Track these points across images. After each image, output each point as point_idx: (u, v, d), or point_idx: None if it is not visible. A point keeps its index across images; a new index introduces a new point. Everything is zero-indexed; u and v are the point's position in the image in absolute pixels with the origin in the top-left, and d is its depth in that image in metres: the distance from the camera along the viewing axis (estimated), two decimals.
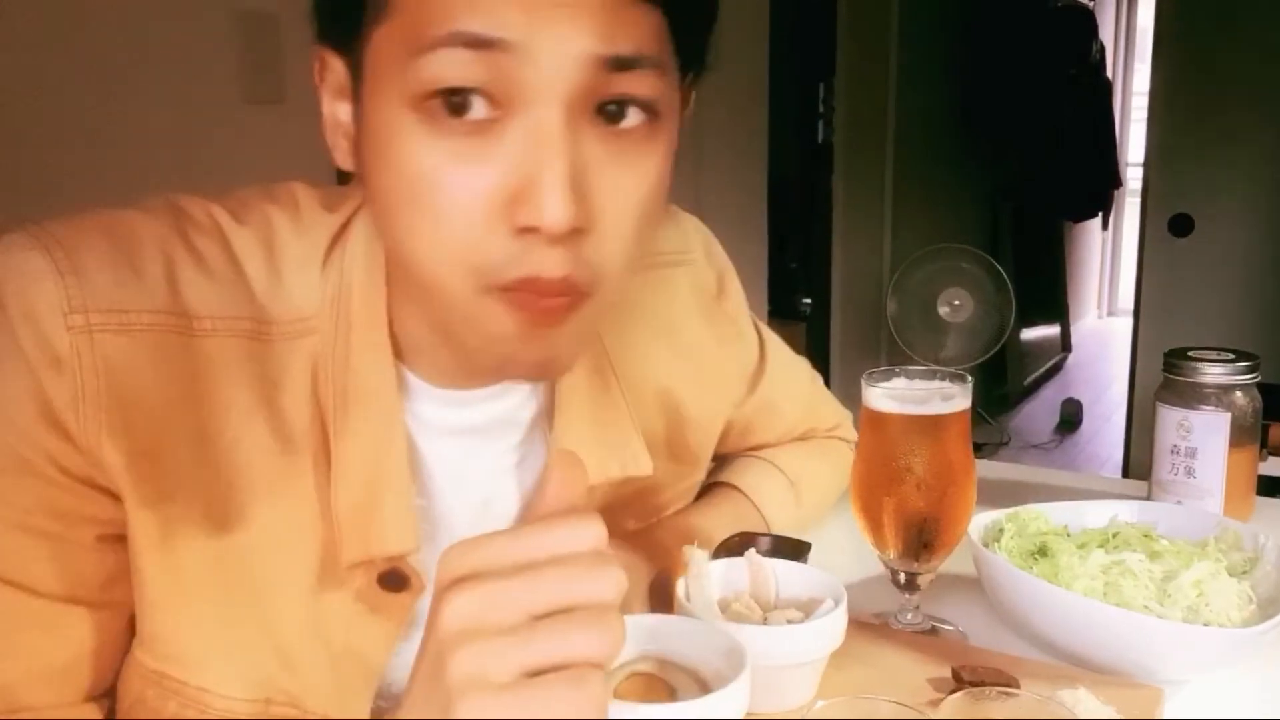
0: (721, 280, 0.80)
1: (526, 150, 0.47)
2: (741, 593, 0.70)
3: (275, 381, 0.57)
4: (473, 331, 0.52)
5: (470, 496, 0.64)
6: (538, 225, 0.47)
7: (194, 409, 0.55)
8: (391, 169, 0.50)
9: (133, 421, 0.53)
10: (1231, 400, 0.96)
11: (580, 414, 0.66)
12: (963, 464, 0.76)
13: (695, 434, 0.78)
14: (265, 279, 0.58)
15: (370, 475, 0.58)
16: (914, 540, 0.76)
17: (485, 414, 0.64)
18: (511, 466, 0.66)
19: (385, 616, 0.60)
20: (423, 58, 0.47)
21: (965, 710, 0.53)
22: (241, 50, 1.29)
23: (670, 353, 0.74)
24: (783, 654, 0.63)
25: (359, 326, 0.59)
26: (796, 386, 0.92)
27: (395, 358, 0.60)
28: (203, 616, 0.57)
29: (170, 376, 0.54)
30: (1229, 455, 0.95)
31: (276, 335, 0.58)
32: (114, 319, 0.53)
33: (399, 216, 0.50)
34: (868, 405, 0.77)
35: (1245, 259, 3.00)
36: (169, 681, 0.57)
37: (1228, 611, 0.71)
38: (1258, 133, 2.92)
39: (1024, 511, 0.83)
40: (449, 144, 0.48)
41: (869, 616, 0.80)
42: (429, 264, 0.50)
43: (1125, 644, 0.69)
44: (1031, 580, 0.73)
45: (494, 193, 0.48)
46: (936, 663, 0.70)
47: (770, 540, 0.79)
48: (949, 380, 0.77)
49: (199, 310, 0.55)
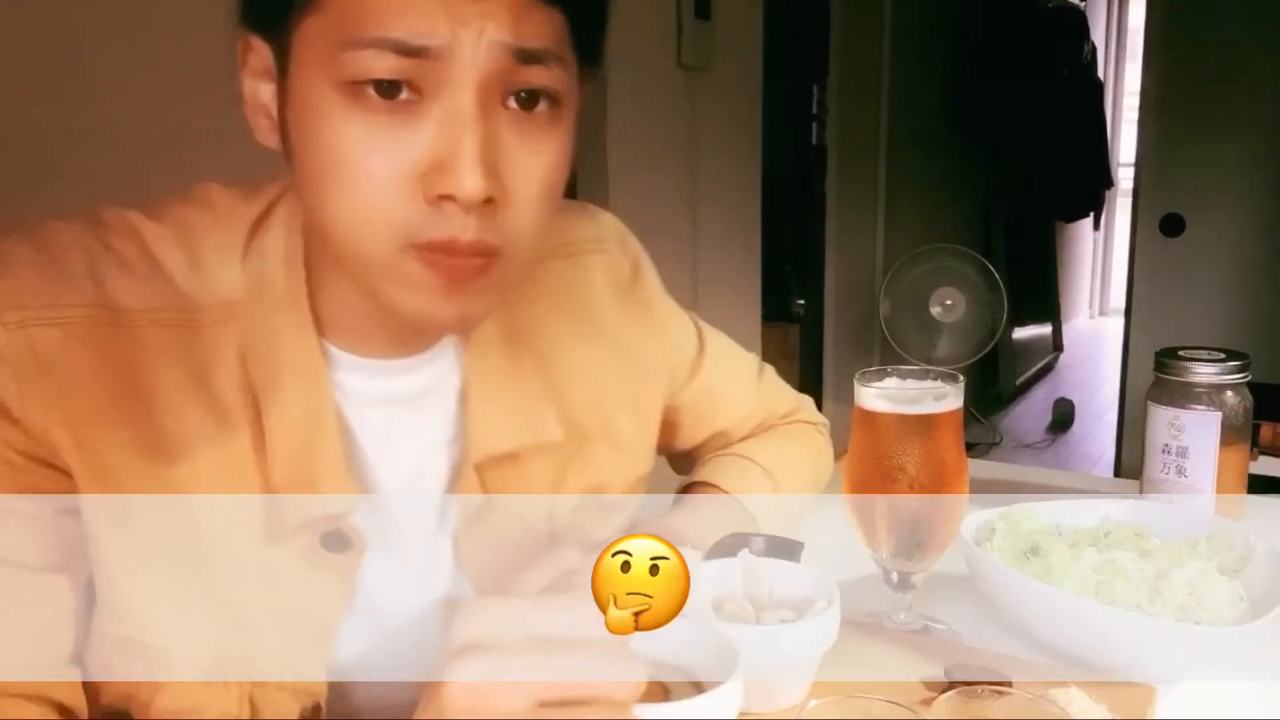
0: (636, 267, 0.83)
1: (444, 128, 0.53)
2: (735, 593, 0.70)
3: (206, 365, 0.61)
4: (394, 288, 0.57)
5: (402, 465, 0.68)
6: (455, 195, 0.53)
7: (132, 391, 0.59)
8: (319, 143, 0.55)
9: (74, 405, 0.58)
10: (1222, 399, 0.96)
11: (492, 383, 0.70)
12: (955, 463, 0.76)
13: (626, 418, 0.80)
14: (185, 271, 0.62)
15: (303, 445, 0.62)
16: (906, 539, 0.76)
17: (409, 384, 0.68)
18: (445, 440, 0.69)
19: (331, 575, 0.64)
20: (351, 53, 0.52)
21: (958, 709, 0.53)
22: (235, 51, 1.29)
23: (587, 336, 0.78)
24: (776, 654, 0.63)
25: (282, 307, 0.63)
26: (740, 372, 0.94)
27: (319, 334, 0.64)
28: (157, 581, 0.61)
29: (105, 363, 0.59)
30: (1220, 454, 0.96)
31: (204, 322, 0.62)
32: (47, 314, 0.58)
33: (323, 186, 0.56)
34: (861, 405, 0.77)
35: (1236, 259, 3.02)
36: (131, 645, 0.61)
37: (1219, 610, 0.71)
38: (1249, 133, 2.93)
39: (1016, 511, 0.84)
40: (374, 120, 0.53)
41: (862, 616, 0.80)
42: (351, 228, 0.55)
43: (1117, 643, 0.69)
44: (1024, 579, 0.73)
45: (413, 165, 0.54)
46: (929, 662, 0.70)
47: (763, 540, 0.79)
48: (941, 380, 0.77)
49: (126, 304, 0.60)
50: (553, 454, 0.73)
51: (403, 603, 0.68)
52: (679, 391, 0.87)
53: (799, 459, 0.95)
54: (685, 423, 0.90)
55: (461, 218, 0.54)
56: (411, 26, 0.51)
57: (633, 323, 0.81)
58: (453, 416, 0.70)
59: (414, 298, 0.56)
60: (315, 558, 0.63)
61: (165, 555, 0.60)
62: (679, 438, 0.90)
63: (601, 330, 0.79)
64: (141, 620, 0.61)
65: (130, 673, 0.61)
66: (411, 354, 0.67)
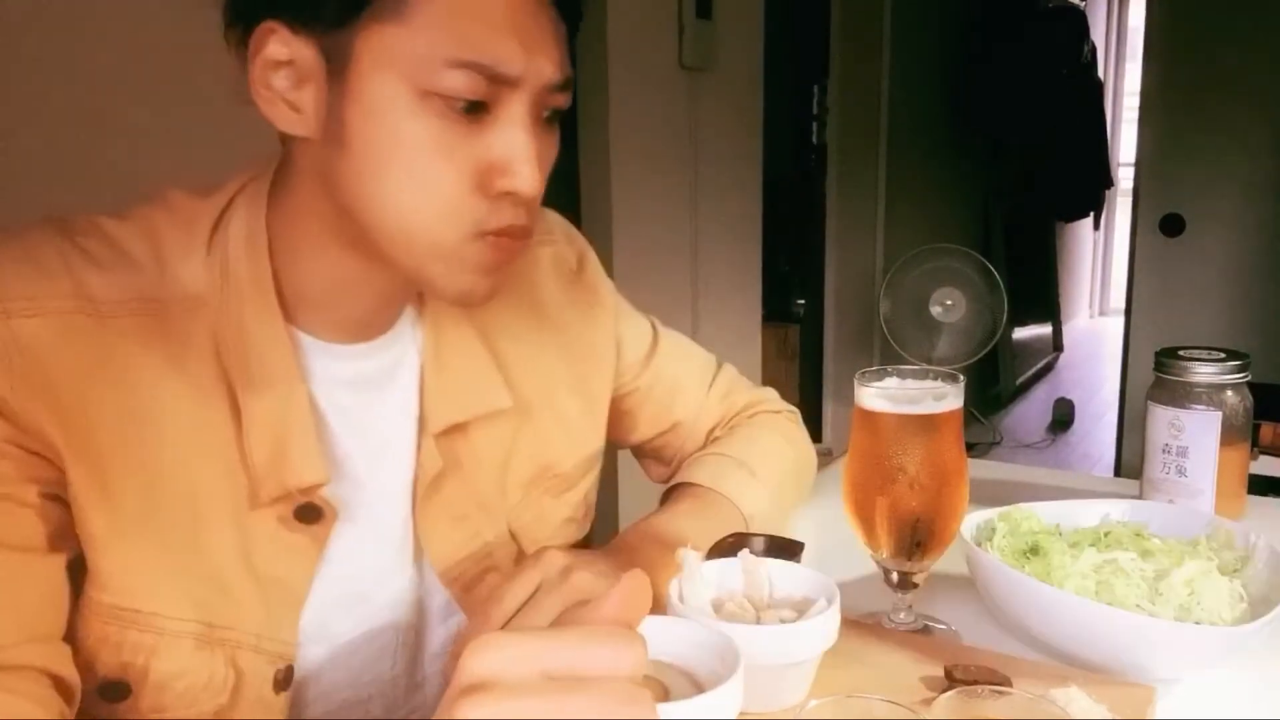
0: (581, 259, 0.90)
1: (507, 138, 0.63)
2: (735, 593, 0.70)
3: (180, 351, 0.65)
4: (449, 270, 0.65)
5: (369, 442, 0.73)
6: (516, 190, 0.63)
7: (113, 377, 0.63)
8: (393, 141, 0.61)
9: (59, 391, 0.61)
10: (1222, 399, 0.96)
11: (445, 357, 0.76)
12: (955, 463, 0.76)
13: (572, 397, 0.85)
14: (152, 267, 0.66)
15: (277, 425, 0.67)
16: (907, 539, 0.76)
17: (373, 364, 0.73)
18: (406, 416, 0.75)
19: (304, 545, 0.69)
20: (447, 70, 0.60)
21: (958, 709, 0.53)
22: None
23: (534, 319, 0.84)
24: (776, 654, 0.63)
25: (249, 296, 0.67)
26: (695, 365, 0.99)
27: (288, 322, 0.69)
28: (146, 551, 0.64)
29: (85, 350, 0.62)
30: (1220, 454, 0.96)
31: (173, 313, 0.65)
32: (28, 305, 0.61)
33: (385, 179, 0.62)
34: (861, 405, 0.77)
35: (1236, 259, 3.02)
36: (125, 613, 0.64)
37: (1219, 610, 0.71)
38: (1249, 133, 2.93)
39: (1016, 511, 0.84)
40: (453, 128, 0.62)
41: (862, 616, 0.80)
42: (420, 219, 0.63)
43: (1117, 642, 0.69)
44: (1024, 579, 0.74)
45: (481, 166, 0.63)
46: (929, 662, 0.70)
47: (764, 540, 0.79)
48: (941, 380, 0.77)
49: (101, 297, 0.63)
50: (501, 423, 0.79)
51: (369, 568, 0.73)
52: (633, 380, 0.93)
53: (774, 448, 0.96)
54: (644, 412, 0.95)
55: (516, 209, 0.64)
56: (496, 54, 0.60)
57: (577, 308, 0.87)
58: (414, 391, 0.76)
59: (466, 278, 0.65)
60: (289, 527, 0.68)
61: (151, 524, 0.64)
62: (639, 428, 0.96)
63: (548, 315, 0.85)
64: (134, 588, 0.64)
65: (125, 639, 0.64)
66: (373, 337, 0.73)
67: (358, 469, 0.72)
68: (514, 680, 0.39)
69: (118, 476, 0.63)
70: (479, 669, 0.40)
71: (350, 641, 0.73)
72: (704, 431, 0.97)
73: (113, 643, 0.64)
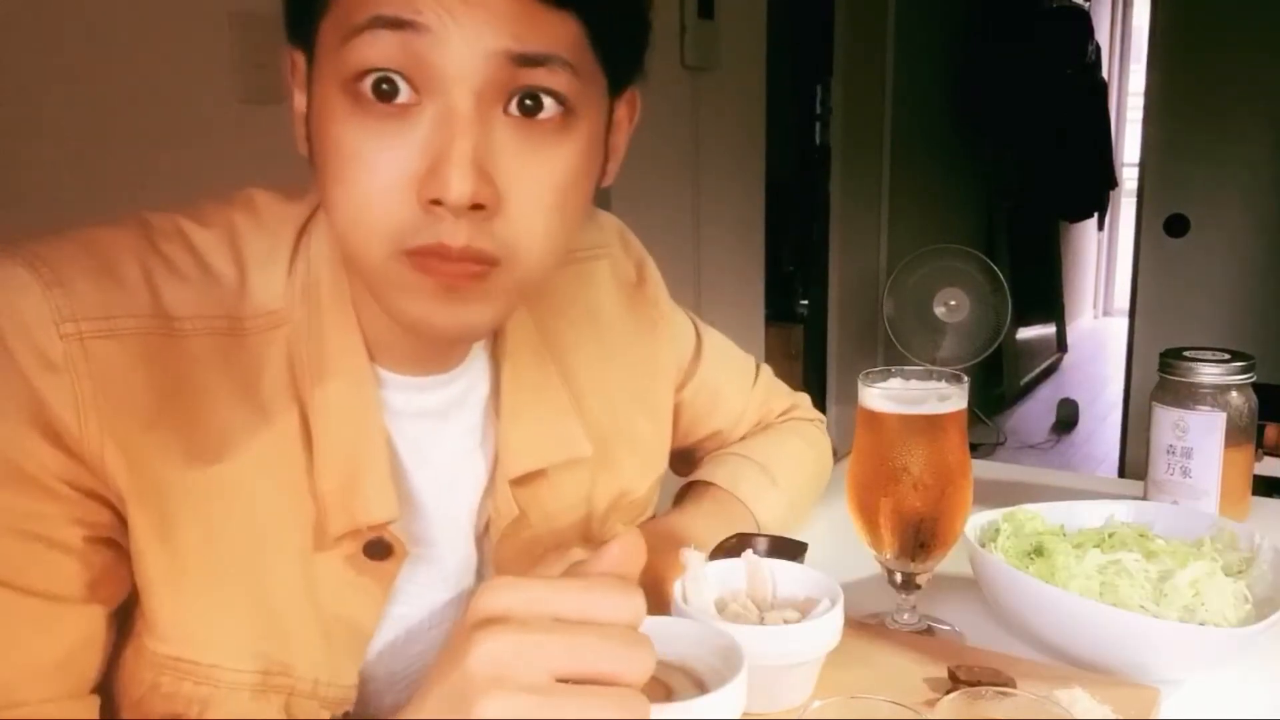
0: (640, 268, 0.84)
1: (438, 131, 0.52)
2: (739, 593, 0.70)
3: (254, 373, 0.60)
4: (393, 294, 0.56)
5: (437, 476, 0.68)
6: (442, 199, 0.52)
7: (183, 404, 0.58)
8: (326, 148, 0.55)
9: (129, 421, 0.56)
10: (1227, 400, 0.96)
11: (523, 399, 0.70)
12: (959, 464, 0.76)
13: (643, 420, 0.81)
14: (234, 277, 0.61)
15: (350, 453, 0.62)
16: (910, 540, 0.76)
17: (440, 398, 0.68)
18: (472, 449, 0.70)
19: (372, 583, 0.64)
20: (350, 42, 0.52)
21: (962, 710, 0.53)
22: (239, 50, 1.30)
23: (600, 341, 0.78)
24: (779, 654, 0.63)
25: (329, 313, 0.62)
26: (737, 370, 0.95)
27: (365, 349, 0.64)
28: (206, 599, 0.60)
29: (159, 375, 0.57)
30: (1225, 455, 0.96)
31: (250, 329, 0.61)
32: (102, 325, 0.56)
33: (331, 191, 0.55)
34: (864, 405, 0.77)
35: (1241, 259, 3.01)
36: (183, 664, 0.60)
37: (1224, 611, 0.71)
38: (1253, 133, 2.93)
39: (1020, 511, 0.84)
40: (373, 124, 0.53)
41: (865, 616, 0.80)
42: (351, 232, 0.55)
43: (1121, 644, 0.69)
44: (1028, 580, 0.73)
45: (407, 168, 0.53)
46: (933, 663, 0.70)
47: (767, 541, 0.79)
48: (945, 380, 0.77)
49: (177, 312, 0.59)
50: (582, 466, 0.74)
51: (426, 606, 0.69)
52: (679, 389, 0.88)
53: (797, 454, 0.95)
54: (683, 420, 0.90)
55: (452, 223, 0.53)
56: (403, 4, 0.51)
57: (641, 324, 0.82)
58: (479, 426, 0.70)
59: (411, 304, 0.56)
60: (358, 565, 0.63)
61: (213, 569, 0.60)
62: (676, 435, 0.91)
63: (613, 335, 0.79)
64: (191, 639, 0.60)
65: (179, 690, 0.60)
66: (445, 370, 0.67)
67: (424, 504, 0.68)
68: (526, 616, 0.43)
69: (183, 516, 0.58)
70: (493, 605, 0.43)
71: (407, 685, 0.68)
72: (739, 437, 0.95)
73: (164, 693, 0.60)
